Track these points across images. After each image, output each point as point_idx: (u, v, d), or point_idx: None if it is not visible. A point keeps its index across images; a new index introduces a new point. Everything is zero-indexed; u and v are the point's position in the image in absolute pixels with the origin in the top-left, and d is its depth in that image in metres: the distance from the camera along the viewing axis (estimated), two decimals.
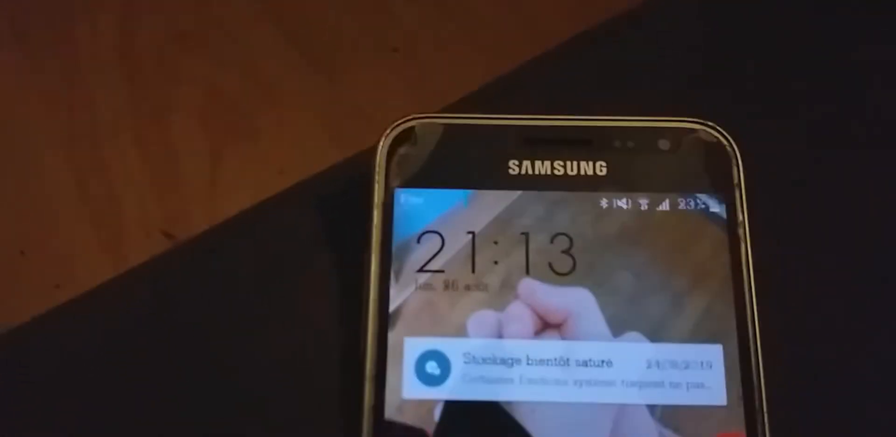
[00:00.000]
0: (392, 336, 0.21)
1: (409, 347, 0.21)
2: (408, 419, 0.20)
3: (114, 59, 0.67)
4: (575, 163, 0.23)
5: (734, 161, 0.23)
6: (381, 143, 0.22)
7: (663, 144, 0.23)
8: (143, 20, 0.69)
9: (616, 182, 0.22)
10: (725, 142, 0.23)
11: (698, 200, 0.22)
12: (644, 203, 0.22)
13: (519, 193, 0.22)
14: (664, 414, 0.20)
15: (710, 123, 0.23)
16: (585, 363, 0.21)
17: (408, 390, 0.21)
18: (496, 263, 0.22)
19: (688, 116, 0.23)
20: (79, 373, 0.23)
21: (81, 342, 0.24)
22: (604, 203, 0.22)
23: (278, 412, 0.23)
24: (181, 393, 0.23)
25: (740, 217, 0.22)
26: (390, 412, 0.20)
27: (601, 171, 0.23)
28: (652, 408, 0.21)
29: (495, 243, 0.22)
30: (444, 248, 0.22)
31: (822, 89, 0.28)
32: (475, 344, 0.21)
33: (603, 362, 0.21)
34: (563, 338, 0.21)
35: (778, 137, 0.26)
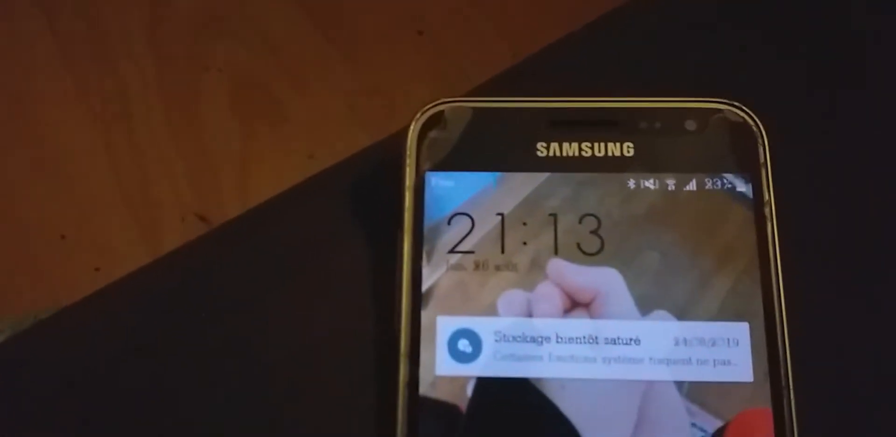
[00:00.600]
0: (425, 315, 0.22)
1: (441, 325, 0.22)
2: (441, 394, 0.21)
3: (144, 45, 0.68)
4: (602, 144, 0.23)
5: (760, 141, 0.23)
6: (412, 127, 0.23)
7: (690, 125, 0.23)
8: (173, 6, 0.70)
9: (643, 163, 0.23)
10: (752, 122, 0.23)
11: (725, 180, 0.22)
12: (671, 183, 0.23)
13: (547, 174, 0.23)
14: (691, 390, 0.21)
15: (736, 103, 0.23)
16: (614, 341, 0.21)
17: (441, 367, 0.21)
18: (525, 243, 0.22)
19: (714, 97, 0.23)
20: (118, 355, 0.24)
21: (119, 326, 0.25)
22: (631, 184, 0.23)
23: (317, 389, 0.23)
24: (219, 373, 0.24)
25: (766, 196, 0.22)
26: (424, 388, 0.21)
27: (628, 152, 0.23)
28: (679, 384, 0.21)
29: (524, 224, 0.22)
30: (475, 229, 0.22)
31: (848, 69, 0.28)
32: (505, 323, 0.22)
33: (631, 339, 0.21)
34: (592, 317, 0.22)
35: (805, 115, 0.26)
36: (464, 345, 0.21)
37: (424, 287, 0.22)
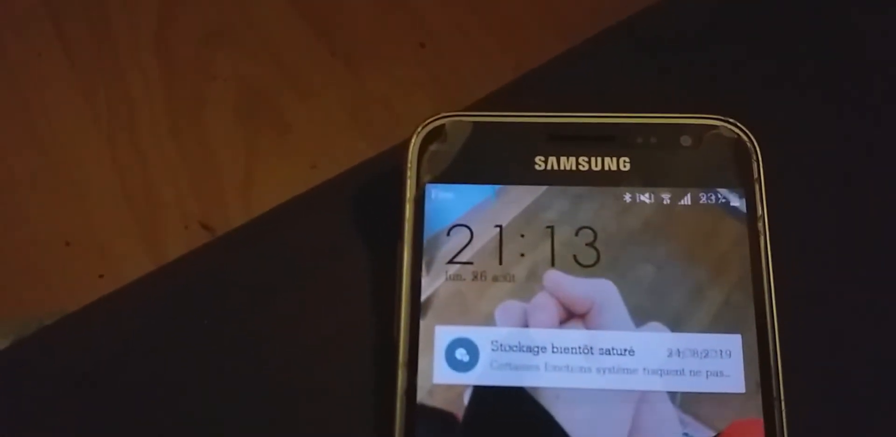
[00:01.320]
0: (423, 325, 0.22)
1: (439, 335, 0.22)
2: (438, 402, 0.21)
3: (151, 55, 0.69)
4: (599, 159, 0.23)
5: (754, 157, 0.23)
6: (413, 140, 0.23)
7: (685, 140, 0.23)
8: (179, 18, 0.71)
9: (639, 177, 0.23)
10: (746, 138, 0.23)
11: (719, 195, 0.23)
12: (666, 198, 0.23)
13: (545, 187, 0.23)
14: (684, 401, 0.21)
15: (730, 120, 0.23)
16: (608, 352, 0.22)
17: (438, 375, 0.22)
18: (523, 255, 0.23)
19: (709, 113, 0.24)
20: (122, 360, 0.24)
21: (123, 331, 0.25)
22: (627, 198, 0.23)
23: (317, 396, 0.24)
24: (222, 379, 0.24)
25: (760, 211, 0.23)
26: (422, 396, 0.21)
27: (625, 166, 0.23)
28: (672, 395, 0.21)
29: (522, 236, 0.23)
30: (473, 240, 0.23)
31: (848, 69, 0.28)
32: (502, 333, 0.22)
33: (625, 350, 0.22)
34: (587, 327, 0.22)
35: (800, 133, 0.27)
36: (461, 354, 0.22)
37: (423, 297, 0.22)
